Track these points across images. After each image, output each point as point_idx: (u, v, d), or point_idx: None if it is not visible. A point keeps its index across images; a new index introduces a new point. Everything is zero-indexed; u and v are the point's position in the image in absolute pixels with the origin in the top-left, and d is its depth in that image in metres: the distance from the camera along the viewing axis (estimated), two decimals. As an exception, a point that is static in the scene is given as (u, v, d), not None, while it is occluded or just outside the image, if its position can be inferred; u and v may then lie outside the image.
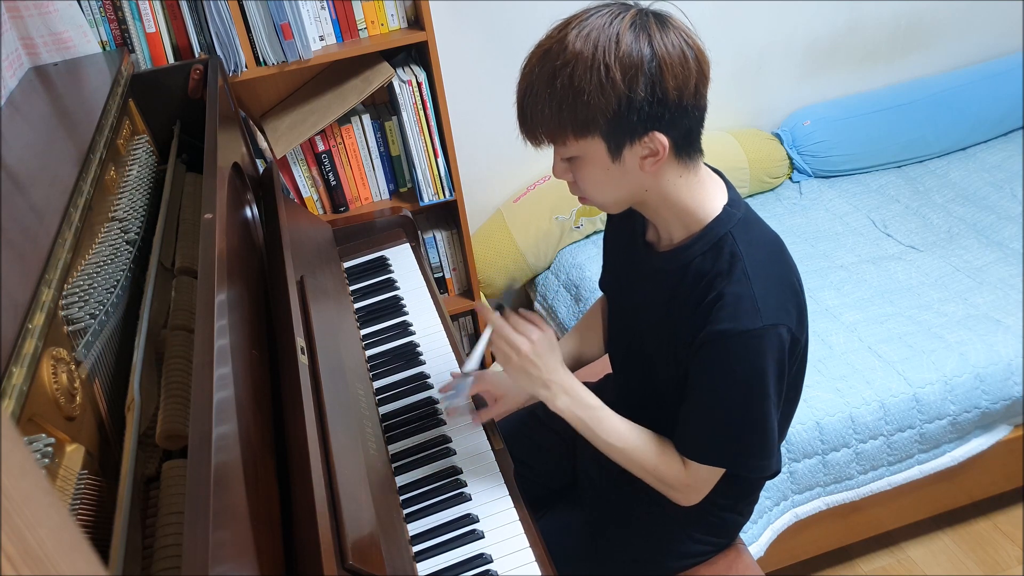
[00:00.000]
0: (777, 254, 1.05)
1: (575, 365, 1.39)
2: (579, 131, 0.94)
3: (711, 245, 1.02)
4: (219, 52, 1.74)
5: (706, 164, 1.07)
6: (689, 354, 1.04)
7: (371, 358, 1.47)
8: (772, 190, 2.55)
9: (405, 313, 1.56)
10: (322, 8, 1.83)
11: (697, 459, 1.08)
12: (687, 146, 0.99)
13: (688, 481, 1.11)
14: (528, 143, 1.00)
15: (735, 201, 1.05)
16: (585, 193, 1.04)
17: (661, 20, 0.93)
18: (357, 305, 1.60)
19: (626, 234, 1.18)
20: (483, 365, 2.40)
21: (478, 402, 1.34)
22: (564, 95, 0.92)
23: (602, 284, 1.36)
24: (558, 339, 1.23)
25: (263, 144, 1.94)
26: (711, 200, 1.04)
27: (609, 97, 0.91)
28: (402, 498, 1.19)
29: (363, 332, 1.53)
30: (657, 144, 0.94)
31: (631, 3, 0.96)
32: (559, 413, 1.13)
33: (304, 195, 2.07)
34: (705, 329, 0.99)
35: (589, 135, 0.95)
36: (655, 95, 0.91)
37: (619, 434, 1.12)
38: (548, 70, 0.93)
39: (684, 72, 0.92)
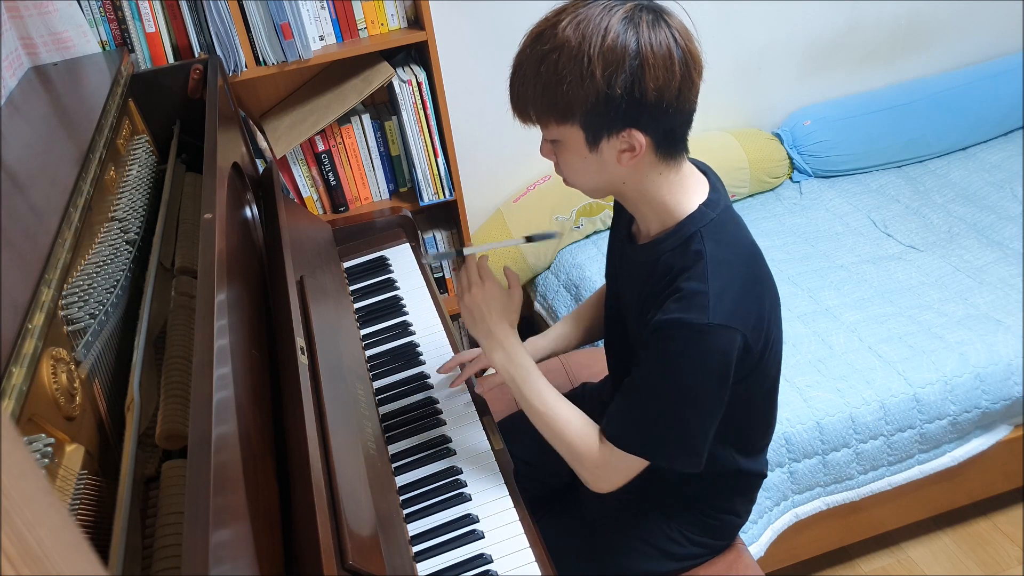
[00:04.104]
0: (746, 260, 1.04)
1: (568, 348, 1.41)
2: (559, 117, 0.96)
3: (680, 242, 1.02)
4: (219, 52, 1.74)
5: (695, 161, 1.07)
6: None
7: (371, 358, 1.47)
8: (772, 190, 2.55)
9: (405, 313, 1.56)
10: (322, 8, 1.83)
11: (614, 441, 1.07)
12: (668, 145, 0.98)
13: (599, 462, 1.10)
14: (516, 119, 1.01)
15: (712, 202, 1.04)
16: (565, 176, 1.05)
17: (656, 17, 0.92)
18: (357, 305, 1.60)
19: (621, 225, 1.20)
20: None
21: (479, 405, 1.34)
22: (548, 81, 0.93)
23: (606, 273, 1.37)
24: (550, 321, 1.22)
25: (263, 144, 1.94)
26: (688, 198, 1.04)
27: (588, 89, 0.91)
28: (402, 498, 1.19)
29: (363, 332, 1.53)
30: (634, 141, 0.95)
31: None
32: (493, 367, 1.17)
33: (304, 195, 2.07)
34: (655, 318, 0.99)
35: (568, 122, 0.96)
36: (633, 94, 0.91)
37: (543, 399, 1.14)
38: (537, 53, 0.94)
39: (667, 74, 0.91)
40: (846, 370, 1.78)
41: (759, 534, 1.66)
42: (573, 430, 1.12)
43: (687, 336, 0.97)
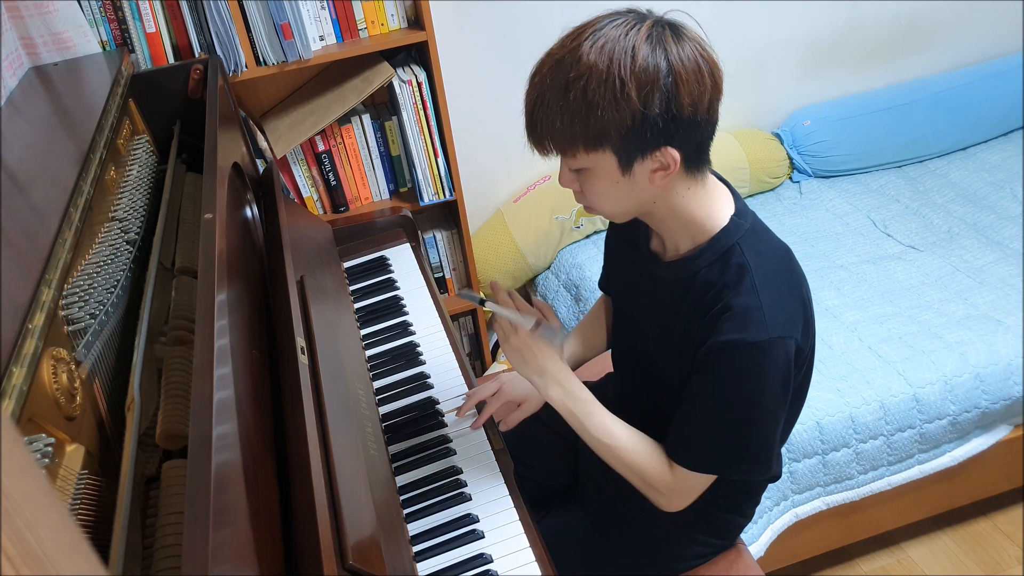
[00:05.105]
0: (786, 264, 1.05)
1: (577, 364, 1.39)
2: (591, 144, 0.93)
3: (718, 256, 1.02)
4: (219, 52, 1.74)
5: (713, 172, 1.07)
6: (694, 363, 1.03)
7: (371, 358, 1.47)
8: (772, 190, 2.55)
9: (405, 313, 1.56)
10: (322, 8, 1.83)
11: (688, 466, 1.07)
12: (697, 159, 0.98)
13: (674, 486, 1.10)
14: (535, 151, 0.98)
15: (742, 211, 1.04)
16: (591, 204, 1.03)
17: (677, 32, 0.91)
18: (357, 305, 1.60)
19: (629, 240, 1.18)
20: (483, 363, 2.40)
21: (479, 405, 1.34)
22: (577, 108, 0.90)
23: (602, 285, 1.36)
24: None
25: (263, 144, 1.94)
26: (718, 211, 1.03)
27: (623, 112, 0.89)
28: (402, 498, 1.19)
29: (363, 332, 1.53)
30: (668, 158, 0.93)
31: (644, 11, 0.94)
32: (551, 403, 1.14)
33: (304, 195, 2.07)
34: (711, 339, 0.99)
35: (600, 148, 0.93)
36: (670, 111, 0.90)
37: (608, 430, 1.12)
38: (561, 81, 0.91)
39: (699, 88, 0.90)
40: (846, 370, 1.78)
41: (759, 534, 1.66)
42: (643, 458, 1.10)
43: (749, 355, 0.97)
